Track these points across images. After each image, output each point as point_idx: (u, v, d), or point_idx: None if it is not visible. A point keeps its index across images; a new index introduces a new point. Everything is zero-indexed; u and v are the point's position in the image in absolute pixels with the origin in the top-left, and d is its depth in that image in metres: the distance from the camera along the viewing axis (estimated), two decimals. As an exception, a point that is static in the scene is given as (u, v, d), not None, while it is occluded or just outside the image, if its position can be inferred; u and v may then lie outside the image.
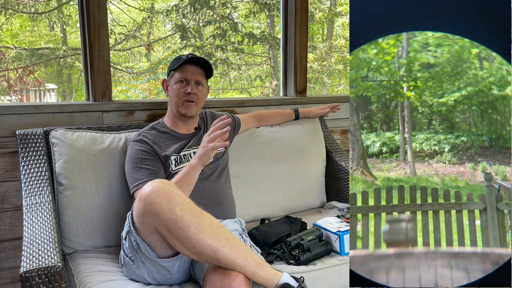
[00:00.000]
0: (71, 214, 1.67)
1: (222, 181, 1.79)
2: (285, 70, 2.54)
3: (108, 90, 1.99)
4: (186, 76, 1.73)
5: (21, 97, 7.21)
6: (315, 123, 2.29)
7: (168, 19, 7.51)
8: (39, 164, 1.68)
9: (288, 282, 1.25)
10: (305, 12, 2.43)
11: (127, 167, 1.65)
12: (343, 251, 1.63)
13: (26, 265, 1.17)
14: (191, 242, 1.25)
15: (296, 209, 2.16)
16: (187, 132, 1.79)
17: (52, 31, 7.79)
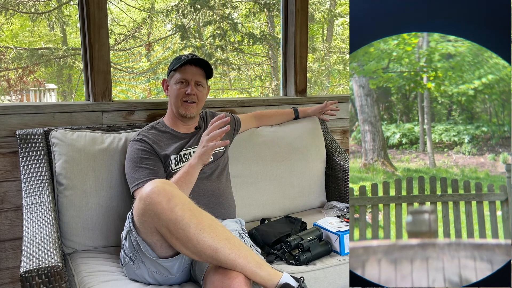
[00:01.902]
0: (71, 214, 1.67)
1: (223, 181, 1.79)
2: (285, 70, 2.54)
3: (108, 90, 1.99)
4: (186, 76, 1.73)
5: (21, 97, 7.20)
6: (315, 123, 2.29)
7: (168, 19, 7.50)
8: (39, 164, 1.68)
9: (288, 282, 1.25)
10: (305, 12, 2.44)
11: (127, 166, 1.65)
12: (343, 251, 1.63)
13: (26, 265, 1.17)
14: (191, 242, 1.25)
15: (296, 209, 2.16)
16: (187, 132, 1.79)
17: (52, 31, 7.79)
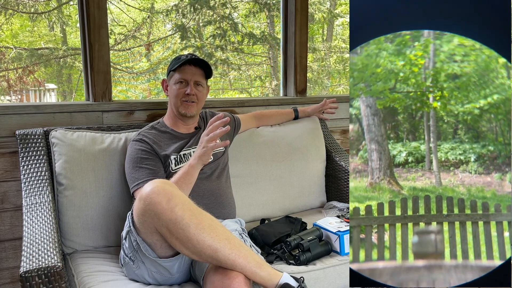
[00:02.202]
0: (71, 214, 1.67)
1: (223, 181, 1.79)
2: (285, 70, 2.54)
3: (108, 90, 1.99)
4: (185, 76, 1.73)
5: (21, 97, 7.20)
6: (315, 123, 2.29)
7: (168, 19, 7.50)
8: (39, 164, 1.68)
9: (288, 282, 1.25)
10: (305, 12, 2.44)
11: (127, 166, 1.65)
12: (343, 251, 1.63)
13: (26, 265, 1.17)
14: (191, 242, 1.25)
15: (296, 209, 2.16)
16: (187, 132, 1.79)
17: (52, 31, 7.78)
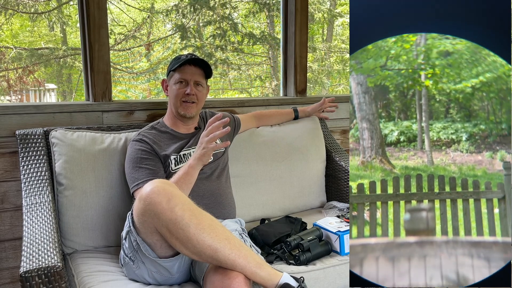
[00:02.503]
0: (71, 214, 1.67)
1: (223, 181, 1.79)
2: (285, 70, 2.54)
3: (108, 90, 1.99)
4: (185, 76, 1.73)
5: (21, 97, 7.20)
6: (315, 123, 2.29)
7: (168, 19, 7.50)
8: (39, 164, 1.68)
9: (288, 282, 1.25)
10: (305, 12, 2.44)
11: (127, 166, 1.65)
12: (343, 251, 1.63)
13: (26, 265, 1.17)
14: (191, 242, 1.25)
15: (296, 209, 2.16)
16: (187, 132, 1.79)
17: (52, 31, 7.78)
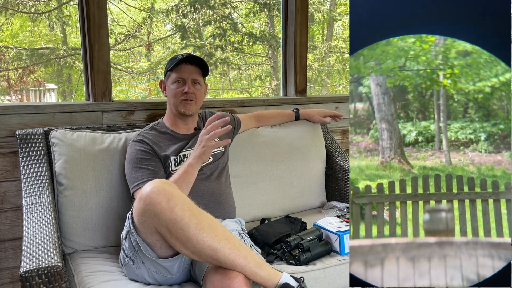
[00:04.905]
0: (71, 214, 1.67)
1: (222, 181, 1.79)
2: (285, 70, 2.54)
3: (108, 90, 1.99)
4: (182, 75, 1.73)
5: (21, 97, 7.21)
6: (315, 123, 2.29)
7: (168, 19, 7.51)
8: (39, 164, 1.68)
9: (288, 282, 1.25)
10: (305, 12, 2.44)
11: (127, 167, 1.65)
12: (343, 251, 1.63)
13: (26, 265, 1.17)
14: (191, 242, 1.25)
15: (296, 209, 2.16)
16: (186, 133, 1.79)
17: (52, 31, 7.79)
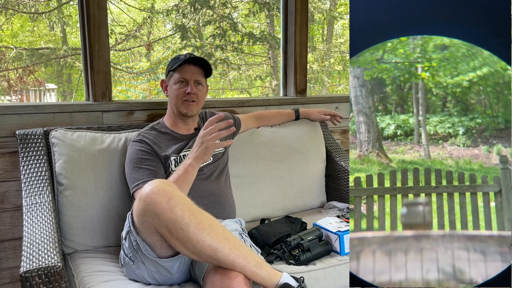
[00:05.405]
0: (71, 214, 1.67)
1: (222, 181, 1.79)
2: (285, 70, 2.54)
3: (108, 90, 1.99)
4: (185, 76, 1.73)
5: (21, 97, 7.21)
6: (315, 123, 2.29)
7: (168, 19, 7.51)
8: (39, 164, 1.68)
9: (288, 282, 1.25)
10: (305, 12, 2.44)
11: (127, 167, 1.65)
12: (343, 251, 1.63)
13: (26, 265, 1.17)
14: (191, 242, 1.25)
15: (296, 209, 2.16)
16: (187, 133, 1.79)
17: (52, 31, 7.79)
